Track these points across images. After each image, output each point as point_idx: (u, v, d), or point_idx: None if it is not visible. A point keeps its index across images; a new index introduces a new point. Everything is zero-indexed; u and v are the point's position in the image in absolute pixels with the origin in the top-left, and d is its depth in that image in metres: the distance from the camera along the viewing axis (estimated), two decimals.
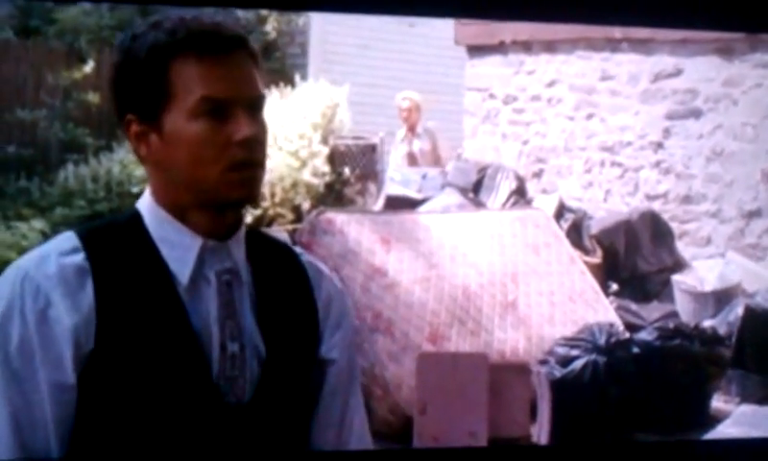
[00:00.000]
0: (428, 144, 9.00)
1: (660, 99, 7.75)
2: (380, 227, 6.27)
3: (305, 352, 1.60)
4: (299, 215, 9.56)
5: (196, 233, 1.50)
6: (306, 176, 9.65)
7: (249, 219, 9.42)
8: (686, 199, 7.59)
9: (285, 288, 1.60)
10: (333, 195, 9.93)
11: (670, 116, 7.69)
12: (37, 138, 10.30)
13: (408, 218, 6.75)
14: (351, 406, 1.66)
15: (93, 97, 10.40)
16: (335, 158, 10.03)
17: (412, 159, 8.92)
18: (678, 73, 7.59)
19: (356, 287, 5.78)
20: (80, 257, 1.45)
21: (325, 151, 9.90)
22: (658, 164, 7.80)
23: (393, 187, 8.18)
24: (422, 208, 7.61)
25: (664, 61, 7.66)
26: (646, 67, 7.80)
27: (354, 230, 6.10)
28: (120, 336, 1.43)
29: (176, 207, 1.50)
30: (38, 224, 9.14)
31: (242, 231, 1.55)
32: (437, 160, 8.98)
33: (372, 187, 10.16)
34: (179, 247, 1.50)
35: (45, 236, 9.04)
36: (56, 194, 9.70)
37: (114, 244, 1.49)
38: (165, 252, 1.49)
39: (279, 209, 9.53)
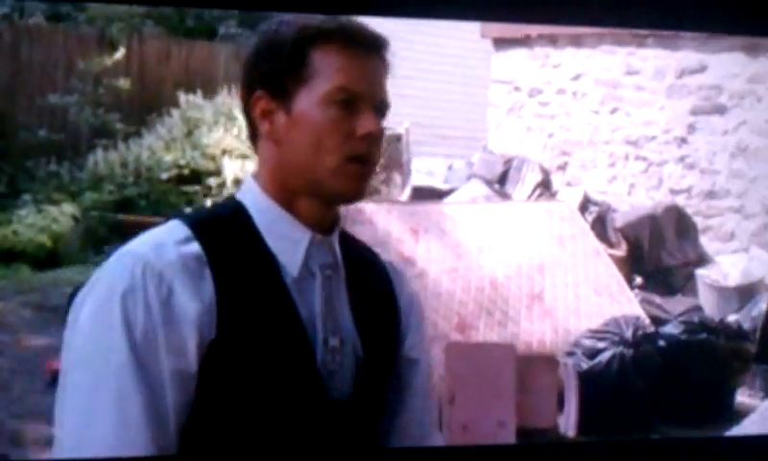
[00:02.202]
0: None
1: (685, 94, 7.78)
2: (408, 217, 6.33)
3: (393, 350, 1.65)
4: None
5: (304, 226, 1.53)
6: None
7: None
8: (710, 194, 7.63)
9: (373, 286, 1.64)
10: None
11: (695, 112, 7.72)
12: (68, 123, 10.40)
13: (436, 209, 6.82)
14: (430, 406, 1.72)
15: (124, 83, 10.51)
16: None
17: None
18: (703, 69, 7.62)
19: None
20: (196, 246, 1.46)
21: None
22: (682, 159, 7.84)
23: (419, 178, 8.19)
24: (449, 199, 7.66)
25: (690, 57, 7.68)
26: (672, 63, 7.81)
27: (383, 219, 6.17)
28: (237, 326, 1.45)
29: (285, 195, 1.53)
30: (69, 208, 9.24)
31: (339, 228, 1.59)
32: None
33: (396, 177, 10.21)
34: (287, 239, 1.52)
35: (76, 221, 9.16)
36: (85, 179, 9.81)
37: (223, 234, 1.50)
38: (272, 243, 1.52)
39: None
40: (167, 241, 1.46)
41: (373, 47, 1.53)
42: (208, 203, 9.70)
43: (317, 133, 1.49)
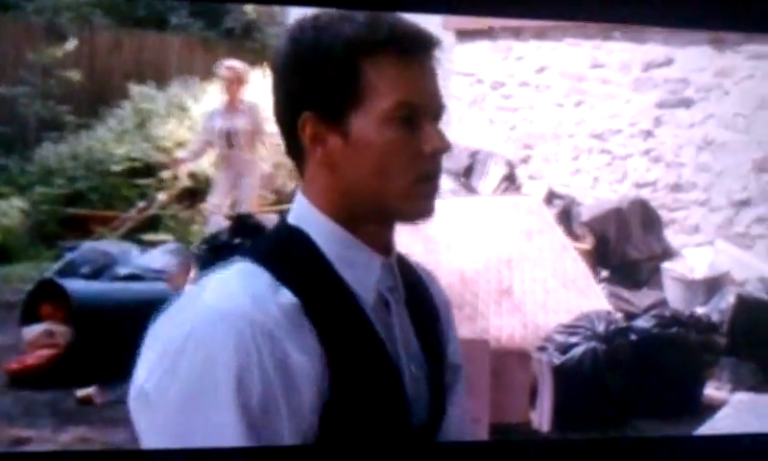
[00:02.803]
0: (249, 124, 8.08)
1: (650, 87, 7.76)
2: None
3: (446, 361, 1.55)
4: (280, 197, 9.51)
5: (372, 250, 1.41)
6: None
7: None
8: (676, 187, 7.63)
9: (421, 299, 1.53)
10: None
11: (661, 105, 7.70)
12: (17, 115, 10.17)
13: None
14: (467, 411, 1.64)
15: (75, 75, 10.28)
16: None
17: (229, 139, 8.09)
18: (669, 62, 7.60)
19: None
20: (288, 294, 1.30)
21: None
22: (647, 153, 7.82)
23: None
24: None
25: (656, 51, 7.66)
26: (638, 56, 7.77)
27: None
28: (343, 373, 1.32)
29: (348, 219, 1.39)
30: (18, 202, 9.04)
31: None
32: (254, 147, 8.20)
33: None
34: (358, 266, 1.39)
35: (26, 215, 8.93)
36: (35, 172, 9.60)
37: (301, 273, 1.35)
38: (344, 272, 1.37)
39: (261, 191, 9.47)
40: (263, 292, 1.29)
41: (427, 49, 1.38)
42: (161, 196, 9.53)
43: (381, 157, 1.35)
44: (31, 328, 6.15)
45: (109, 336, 5.96)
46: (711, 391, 5.92)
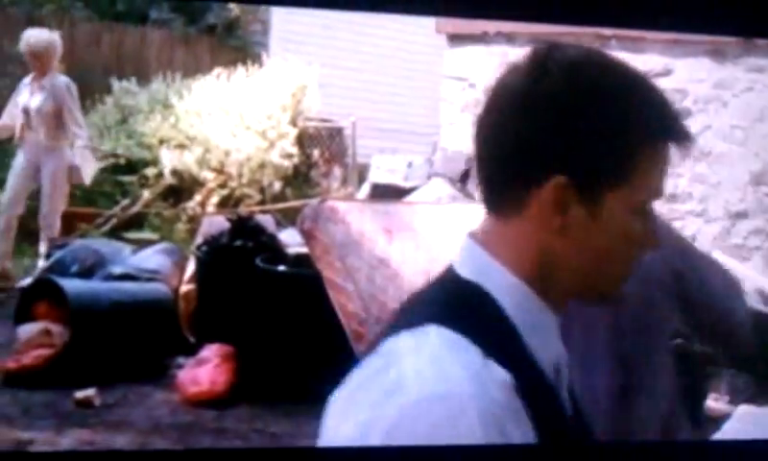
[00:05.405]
0: (51, 104, 7.54)
1: None
2: (381, 216, 6.20)
3: None
4: (265, 196, 9.47)
5: (553, 313, 1.28)
6: (275, 157, 9.54)
7: (215, 198, 9.28)
8: (672, 198, 7.65)
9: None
10: (301, 177, 9.84)
11: None
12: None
13: (406, 208, 6.71)
14: None
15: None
16: (304, 140, 9.92)
17: (27, 118, 7.52)
18: (667, 73, 7.62)
19: (361, 277, 5.73)
20: (501, 371, 1.16)
21: (294, 132, 9.79)
22: None
23: (378, 175, 8.00)
24: (412, 198, 7.55)
25: (654, 60, 7.67)
26: (635, 65, 7.77)
27: (357, 218, 6.04)
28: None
29: (542, 286, 1.26)
30: None
31: None
32: (57, 133, 7.56)
33: (336, 171, 10.08)
34: (541, 332, 1.26)
35: None
36: None
37: (496, 341, 1.19)
38: (529, 338, 1.23)
39: (246, 190, 9.42)
40: (478, 369, 1.15)
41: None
42: (146, 193, 9.41)
43: (622, 242, 1.25)
44: (27, 328, 6.02)
45: (107, 336, 5.90)
46: (710, 402, 5.94)
